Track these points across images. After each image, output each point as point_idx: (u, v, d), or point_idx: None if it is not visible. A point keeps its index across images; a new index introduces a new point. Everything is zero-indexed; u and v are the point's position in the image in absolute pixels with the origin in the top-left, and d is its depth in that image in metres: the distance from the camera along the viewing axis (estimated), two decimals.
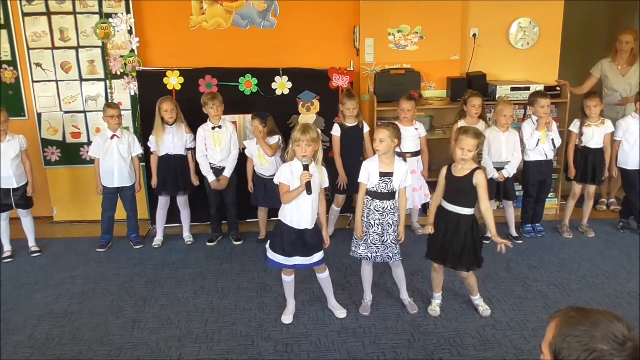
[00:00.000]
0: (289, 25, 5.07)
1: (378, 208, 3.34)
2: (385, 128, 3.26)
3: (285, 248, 3.26)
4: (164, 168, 4.58)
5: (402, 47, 5.10)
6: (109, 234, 4.71)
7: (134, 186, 4.62)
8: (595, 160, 4.62)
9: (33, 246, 4.59)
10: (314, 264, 3.35)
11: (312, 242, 3.28)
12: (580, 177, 4.68)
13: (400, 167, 3.33)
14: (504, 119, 4.35)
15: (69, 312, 3.62)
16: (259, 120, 4.36)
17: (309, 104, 5.02)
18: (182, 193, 4.67)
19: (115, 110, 4.43)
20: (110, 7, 4.88)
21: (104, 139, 4.49)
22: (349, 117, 4.48)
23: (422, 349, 3.13)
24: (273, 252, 3.30)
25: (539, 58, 5.24)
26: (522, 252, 4.42)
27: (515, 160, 4.44)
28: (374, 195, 3.34)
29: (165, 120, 4.46)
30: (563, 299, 3.67)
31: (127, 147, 4.53)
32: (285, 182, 3.21)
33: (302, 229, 3.25)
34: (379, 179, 3.31)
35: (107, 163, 4.49)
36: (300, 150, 3.13)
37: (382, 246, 3.38)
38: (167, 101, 4.46)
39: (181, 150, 4.57)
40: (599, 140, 4.60)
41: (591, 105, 4.50)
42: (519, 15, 5.17)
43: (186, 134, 4.57)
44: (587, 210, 4.81)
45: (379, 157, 3.33)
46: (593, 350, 1.20)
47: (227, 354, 3.13)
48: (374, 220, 3.36)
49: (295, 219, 3.24)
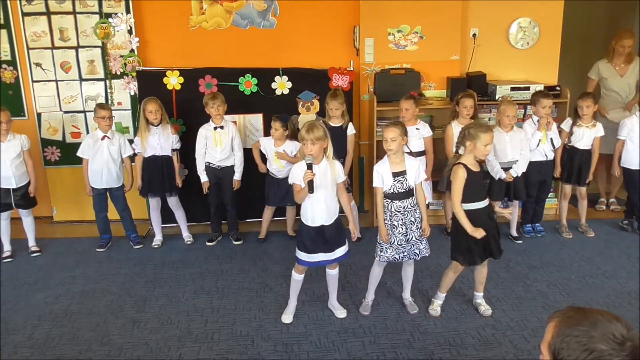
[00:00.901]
0: (289, 25, 5.07)
1: (399, 209, 3.32)
2: (394, 126, 3.25)
3: (307, 246, 3.27)
4: (150, 170, 4.56)
5: (402, 47, 5.10)
6: (107, 233, 4.71)
7: (123, 187, 4.62)
8: (581, 161, 4.61)
9: (33, 246, 4.59)
10: (339, 259, 3.35)
11: (332, 238, 3.28)
12: (566, 178, 4.69)
13: (412, 164, 3.33)
14: (507, 119, 4.33)
15: (69, 312, 3.62)
16: (280, 123, 4.36)
17: (309, 104, 5.02)
18: (169, 194, 4.66)
19: (107, 111, 4.42)
20: (110, 7, 4.88)
21: (95, 140, 4.47)
22: (333, 117, 4.48)
23: (422, 349, 3.13)
24: (299, 250, 3.32)
25: (539, 58, 5.24)
26: (522, 252, 4.43)
27: (524, 158, 4.39)
28: (392, 196, 3.32)
29: (150, 122, 4.45)
30: (563, 299, 3.67)
31: (118, 148, 4.52)
32: (297, 182, 3.22)
33: (319, 226, 3.25)
34: (394, 180, 3.29)
35: (97, 164, 4.48)
36: (306, 149, 3.14)
37: (407, 245, 3.36)
38: (152, 102, 4.44)
39: (168, 152, 4.56)
40: (587, 142, 4.59)
41: (584, 105, 4.49)
42: (519, 15, 5.17)
43: (172, 135, 4.56)
44: (583, 210, 4.81)
45: (388, 157, 3.32)
46: (592, 350, 1.20)
47: (227, 354, 3.13)
48: (397, 222, 3.34)
49: (310, 217, 3.25)
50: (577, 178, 4.65)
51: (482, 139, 3.16)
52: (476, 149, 3.19)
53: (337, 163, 3.31)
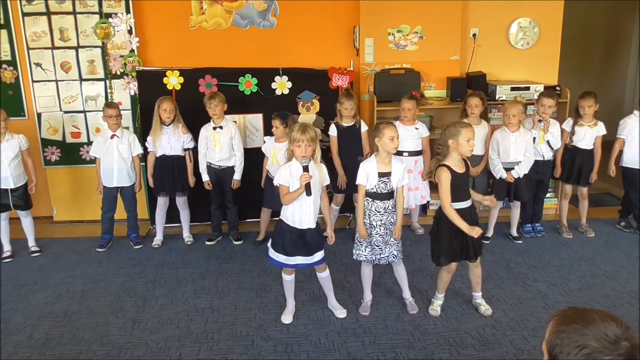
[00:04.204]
0: (289, 25, 5.07)
1: (379, 209, 3.33)
2: (394, 126, 3.26)
3: (287, 248, 3.25)
4: (161, 169, 4.58)
5: (402, 47, 5.11)
6: (110, 233, 4.71)
7: (134, 186, 4.63)
8: (582, 161, 4.61)
9: (33, 246, 4.58)
10: (315, 264, 3.35)
11: (313, 242, 3.28)
12: (567, 177, 4.68)
13: (398, 166, 3.33)
14: (507, 119, 4.33)
15: (69, 312, 3.62)
16: (280, 121, 4.36)
17: (309, 104, 5.02)
18: (180, 194, 4.68)
19: (115, 110, 4.42)
20: (110, 7, 4.88)
21: (105, 139, 4.49)
22: (346, 117, 4.49)
23: (422, 349, 3.13)
24: (275, 251, 3.30)
25: (539, 58, 5.25)
26: (522, 252, 4.42)
27: (527, 160, 4.38)
28: (374, 196, 3.33)
29: (162, 120, 4.46)
30: (563, 299, 3.67)
31: (128, 147, 4.53)
32: (284, 184, 3.20)
33: (304, 229, 3.24)
34: (378, 180, 3.30)
35: (107, 163, 4.49)
36: (301, 151, 3.12)
37: (385, 247, 3.37)
38: (167, 101, 4.45)
39: (178, 151, 4.57)
40: (589, 141, 4.58)
41: (585, 105, 4.49)
42: (519, 15, 5.17)
43: (183, 135, 4.56)
44: (584, 210, 4.81)
45: (376, 157, 3.32)
46: (584, 347, 1.23)
47: (227, 354, 3.12)
48: (376, 222, 3.35)
49: (297, 219, 3.24)
50: (578, 178, 4.65)
51: (463, 134, 3.13)
52: (459, 145, 3.16)
53: (322, 166, 3.30)
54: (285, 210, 3.27)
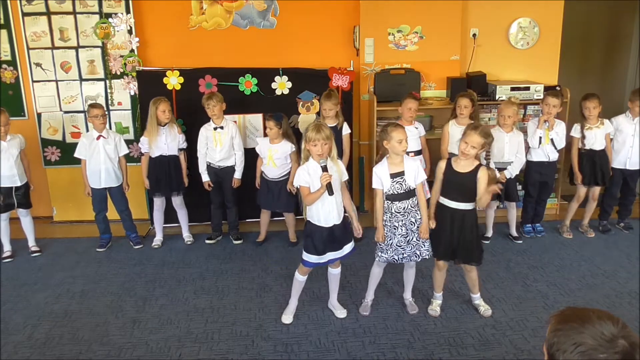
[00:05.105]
0: (289, 25, 5.07)
1: (399, 209, 3.31)
2: (402, 128, 3.26)
3: (318, 247, 3.24)
4: (157, 169, 4.56)
5: (402, 47, 5.10)
6: (107, 233, 4.71)
7: (122, 186, 4.62)
8: (602, 162, 4.59)
9: (33, 246, 4.59)
10: (347, 255, 3.35)
11: (341, 236, 3.28)
12: (588, 181, 4.65)
13: (411, 164, 3.31)
14: (502, 119, 4.36)
15: (69, 312, 3.62)
16: (274, 122, 4.35)
17: (309, 104, 5.02)
18: (176, 194, 4.67)
19: (100, 110, 4.41)
20: (110, 7, 4.88)
21: (90, 140, 4.47)
22: (327, 118, 4.48)
23: (422, 349, 3.13)
24: (308, 253, 3.28)
25: (539, 58, 5.24)
26: (522, 252, 4.43)
27: (518, 161, 4.41)
28: (392, 198, 3.31)
29: (159, 121, 4.46)
30: (563, 299, 3.67)
31: (114, 147, 4.52)
32: (305, 185, 3.18)
33: (332, 226, 3.24)
34: (392, 181, 3.29)
35: (94, 164, 4.48)
36: (317, 150, 3.10)
37: (407, 246, 3.36)
38: (164, 102, 4.45)
39: (175, 151, 4.57)
40: (602, 141, 4.57)
41: (590, 107, 4.49)
42: (519, 15, 5.17)
43: (178, 135, 4.57)
44: (590, 211, 4.79)
45: (387, 159, 3.32)
46: (580, 344, 1.24)
47: (227, 354, 3.13)
48: (397, 223, 3.33)
49: (323, 218, 3.22)
50: (602, 177, 4.61)
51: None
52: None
53: (339, 162, 3.31)
54: (309, 211, 3.27)
